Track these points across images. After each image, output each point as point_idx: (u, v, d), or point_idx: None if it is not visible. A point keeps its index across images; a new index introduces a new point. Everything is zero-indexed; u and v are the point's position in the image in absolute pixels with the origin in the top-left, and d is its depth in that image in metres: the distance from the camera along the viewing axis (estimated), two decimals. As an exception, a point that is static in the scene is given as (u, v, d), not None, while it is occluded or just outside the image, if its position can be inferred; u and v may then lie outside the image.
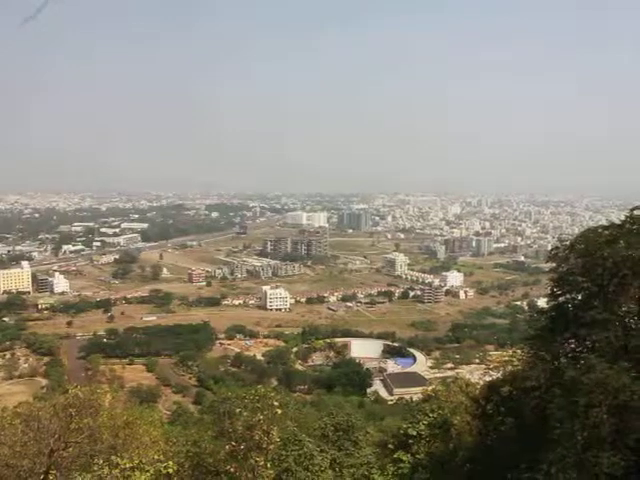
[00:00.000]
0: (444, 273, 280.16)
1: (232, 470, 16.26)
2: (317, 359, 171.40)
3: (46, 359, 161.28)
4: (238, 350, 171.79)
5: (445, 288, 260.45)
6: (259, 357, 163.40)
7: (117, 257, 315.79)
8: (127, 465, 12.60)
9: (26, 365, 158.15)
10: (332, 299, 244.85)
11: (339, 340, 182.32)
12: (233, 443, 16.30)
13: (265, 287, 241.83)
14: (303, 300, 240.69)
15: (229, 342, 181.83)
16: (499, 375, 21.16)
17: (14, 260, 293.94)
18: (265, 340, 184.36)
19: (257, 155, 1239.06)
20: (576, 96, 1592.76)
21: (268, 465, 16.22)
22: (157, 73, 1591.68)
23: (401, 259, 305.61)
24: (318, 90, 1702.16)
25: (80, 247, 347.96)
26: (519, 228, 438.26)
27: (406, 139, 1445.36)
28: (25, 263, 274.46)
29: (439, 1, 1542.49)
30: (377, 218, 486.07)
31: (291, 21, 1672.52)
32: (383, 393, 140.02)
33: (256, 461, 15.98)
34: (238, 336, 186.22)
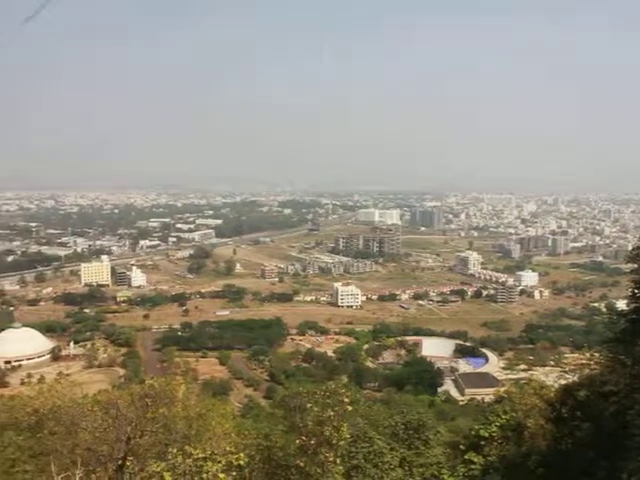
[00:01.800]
0: (518, 272, 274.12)
1: (301, 465, 16.34)
2: (388, 357, 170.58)
3: (124, 350, 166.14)
4: (309, 346, 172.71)
5: (519, 288, 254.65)
6: (330, 353, 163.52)
7: (192, 252, 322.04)
8: (200, 455, 12.79)
9: (105, 355, 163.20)
10: (404, 297, 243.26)
11: (410, 338, 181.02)
12: (303, 438, 16.38)
13: (336, 284, 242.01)
14: (374, 297, 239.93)
15: (300, 338, 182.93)
16: (575, 378, 20.56)
17: (95, 254, 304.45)
18: (336, 337, 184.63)
19: (329, 152, 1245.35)
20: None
21: (337, 461, 16.23)
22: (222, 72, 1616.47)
23: (474, 258, 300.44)
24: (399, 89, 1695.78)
25: (156, 242, 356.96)
26: (597, 227, 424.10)
27: (484, 137, 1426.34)
28: (105, 257, 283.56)
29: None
30: (450, 216, 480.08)
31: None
32: (454, 393, 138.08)
33: (326, 457, 16.02)
34: (309, 332, 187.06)
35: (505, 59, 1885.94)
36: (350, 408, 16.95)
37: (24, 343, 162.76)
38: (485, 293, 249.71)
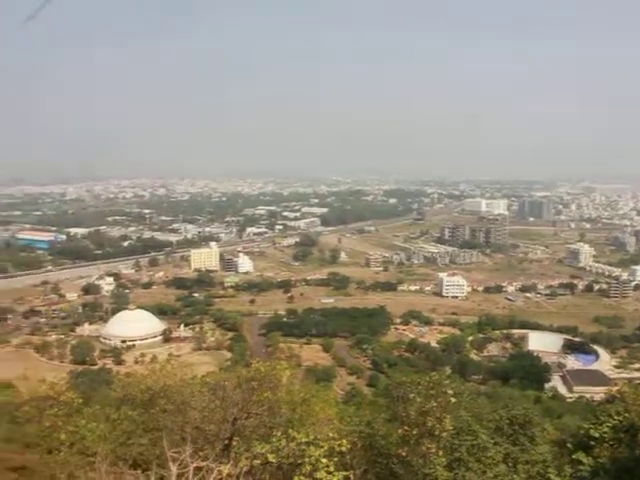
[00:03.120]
0: (634, 267, 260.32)
1: (403, 454, 16.30)
2: (493, 350, 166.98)
3: (230, 334, 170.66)
4: (412, 336, 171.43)
5: (634, 283, 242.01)
6: (433, 344, 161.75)
7: (298, 240, 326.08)
8: (303, 440, 12.99)
9: (213, 338, 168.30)
10: (510, 289, 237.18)
11: (516, 331, 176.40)
12: (406, 428, 16.32)
13: (442, 274, 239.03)
14: (480, 289, 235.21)
15: (404, 327, 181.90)
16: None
17: (204, 240, 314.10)
18: (440, 327, 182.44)
19: (435, 141, 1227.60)
20: None
21: (440, 453, 16.09)
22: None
23: (586, 250, 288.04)
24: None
25: (263, 230, 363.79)
26: None
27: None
28: (213, 243, 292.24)
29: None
30: (560, 207, 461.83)
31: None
32: (562, 390, 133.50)
33: (428, 448, 15.91)
34: (413, 322, 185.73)
35: None
36: (453, 400, 16.74)
37: (138, 324, 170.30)
38: (597, 287, 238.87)
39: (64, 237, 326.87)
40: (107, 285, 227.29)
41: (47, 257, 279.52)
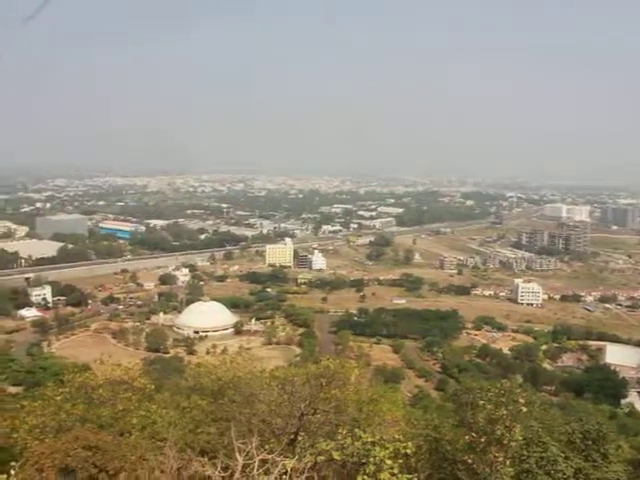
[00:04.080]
0: None
1: (469, 461, 16.02)
2: (567, 360, 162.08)
3: (301, 330, 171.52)
4: (484, 341, 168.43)
5: None
6: (505, 351, 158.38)
7: (372, 239, 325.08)
8: (369, 439, 12.96)
9: (283, 333, 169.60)
10: (589, 299, 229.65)
11: (593, 343, 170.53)
12: (473, 435, 16.03)
13: (517, 280, 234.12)
14: (557, 297, 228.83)
15: (476, 332, 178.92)
16: None
17: (279, 236, 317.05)
18: (513, 334, 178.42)
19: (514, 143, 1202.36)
20: None
21: (507, 462, 15.75)
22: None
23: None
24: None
25: (338, 228, 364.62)
26: None
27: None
28: (288, 240, 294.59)
29: None
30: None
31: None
32: (639, 407, 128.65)
33: (495, 456, 15.58)
34: (485, 327, 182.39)
35: None
36: (524, 409, 16.36)
37: (211, 316, 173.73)
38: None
39: (144, 228, 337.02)
40: (183, 276, 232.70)
41: (127, 247, 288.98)
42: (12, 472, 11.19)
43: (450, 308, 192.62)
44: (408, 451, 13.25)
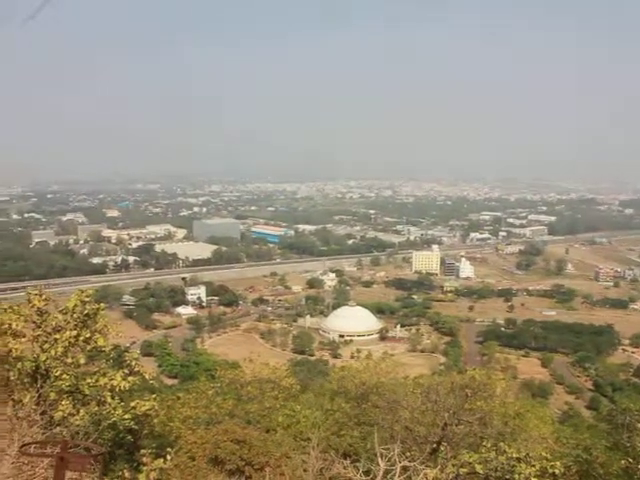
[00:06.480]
0: None
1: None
2: None
3: (446, 339, 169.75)
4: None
5: None
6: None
7: (522, 248, 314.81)
8: (514, 455, 12.63)
9: (428, 341, 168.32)
10: None
11: None
12: (630, 460, 15.13)
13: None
14: None
15: (633, 350, 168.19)
16: None
17: (426, 243, 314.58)
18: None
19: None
20: None
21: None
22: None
23: None
24: None
25: (486, 235, 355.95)
26: None
27: None
28: (435, 247, 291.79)
29: None
30: None
31: None
32: None
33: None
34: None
35: None
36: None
37: (356, 321, 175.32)
38: None
39: (293, 232, 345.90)
40: (330, 280, 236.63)
41: (277, 250, 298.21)
42: (168, 457, 11.95)
43: (605, 322, 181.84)
44: (556, 471, 12.80)
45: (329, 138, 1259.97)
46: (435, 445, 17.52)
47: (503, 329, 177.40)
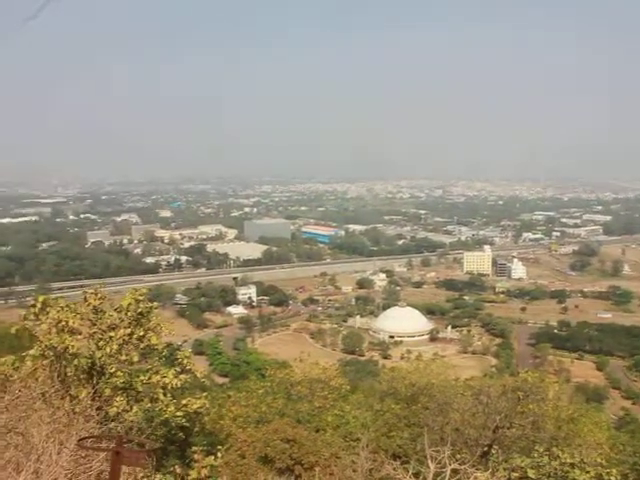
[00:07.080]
0: None
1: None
2: None
3: (498, 340, 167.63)
4: None
5: None
6: None
7: (576, 248, 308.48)
8: (568, 460, 12.40)
9: (479, 343, 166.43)
10: None
11: None
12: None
13: None
14: None
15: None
16: None
17: (477, 243, 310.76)
18: None
19: None
20: None
21: None
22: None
23: None
24: None
25: (539, 236, 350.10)
26: None
27: None
28: (487, 247, 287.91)
29: None
30: None
31: None
32: None
33: None
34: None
35: None
36: None
37: (407, 321, 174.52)
38: None
39: (343, 232, 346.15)
40: (380, 281, 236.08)
41: (327, 250, 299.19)
42: (219, 455, 12.11)
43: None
44: (612, 478, 12.50)
45: (378, 137, 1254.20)
46: (486, 448, 17.32)
47: (556, 331, 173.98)
